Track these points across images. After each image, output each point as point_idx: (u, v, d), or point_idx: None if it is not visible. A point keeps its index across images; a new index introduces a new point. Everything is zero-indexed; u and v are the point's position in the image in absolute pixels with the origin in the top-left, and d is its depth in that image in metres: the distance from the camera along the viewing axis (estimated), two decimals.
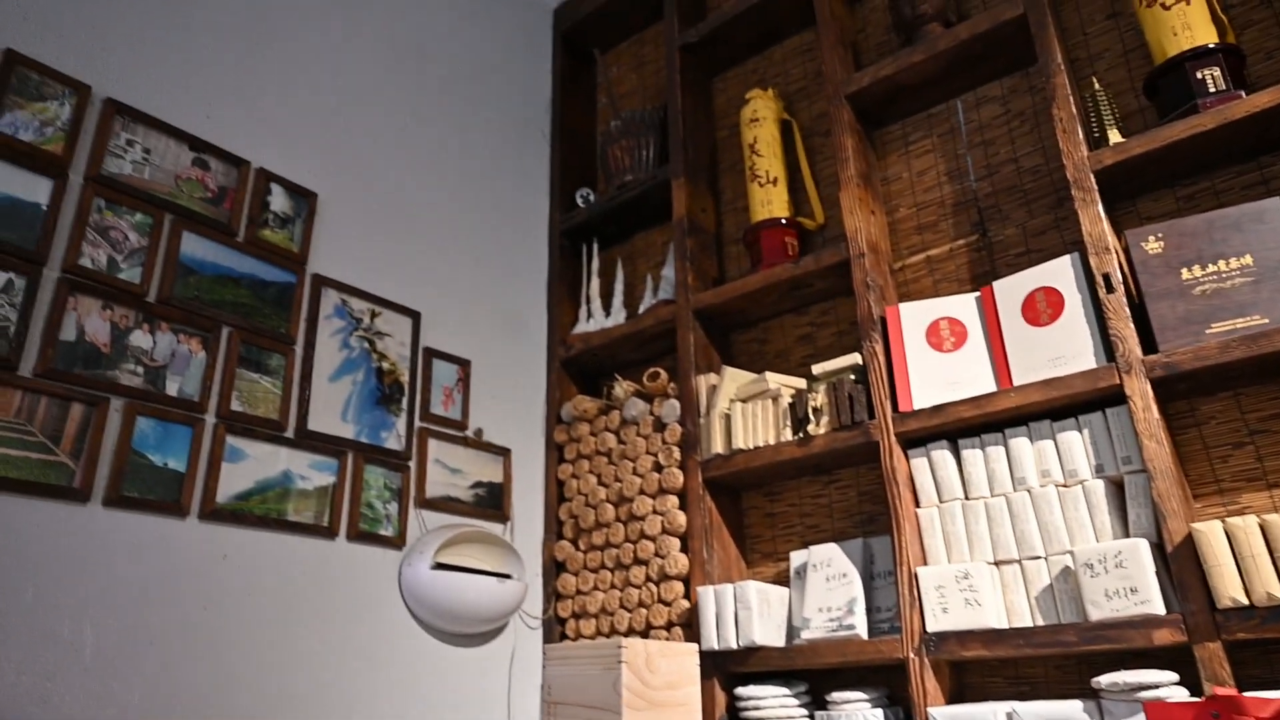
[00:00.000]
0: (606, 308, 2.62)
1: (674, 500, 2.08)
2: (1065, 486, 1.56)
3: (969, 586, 1.54)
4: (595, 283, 2.63)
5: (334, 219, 2.08)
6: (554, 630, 2.26)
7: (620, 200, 2.57)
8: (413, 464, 2.06)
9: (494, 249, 2.52)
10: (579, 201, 2.72)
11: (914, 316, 1.81)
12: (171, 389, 1.65)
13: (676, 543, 2.04)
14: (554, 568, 2.30)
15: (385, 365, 2.08)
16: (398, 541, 1.96)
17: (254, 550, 1.70)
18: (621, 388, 2.30)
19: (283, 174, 1.99)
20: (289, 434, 1.83)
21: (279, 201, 1.97)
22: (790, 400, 1.94)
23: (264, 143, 1.99)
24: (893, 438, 1.75)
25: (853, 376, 1.87)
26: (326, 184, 2.09)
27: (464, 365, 2.29)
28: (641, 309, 2.46)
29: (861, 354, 1.86)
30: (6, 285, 1.48)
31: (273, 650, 1.68)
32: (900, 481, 1.72)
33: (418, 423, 2.11)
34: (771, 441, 1.95)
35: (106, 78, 1.73)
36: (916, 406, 1.74)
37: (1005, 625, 1.53)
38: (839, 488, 2.02)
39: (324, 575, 1.81)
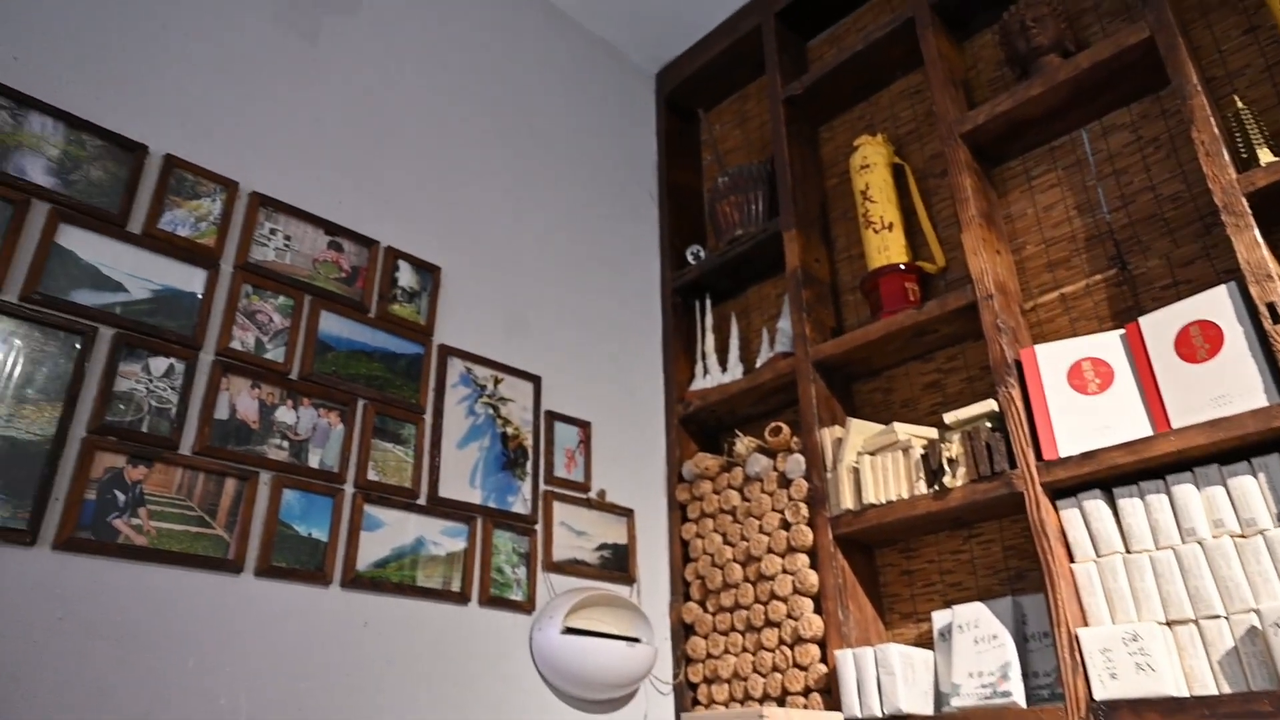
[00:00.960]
0: (723, 363, 2.60)
1: (804, 559, 2.01)
2: (1243, 537, 1.42)
3: (1139, 650, 1.42)
4: (710, 339, 2.62)
5: (456, 290, 2.16)
6: (685, 696, 2.20)
7: (732, 255, 2.57)
8: (539, 527, 2.08)
9: (608, 310, 2.55)
10: (690, 259, 2.73)
11: (1053, 358, 1.71)
12: (313, 461, 1.73)
13: (809, 603, 1.97)
14: (683, 631, 2.26)
15: (509, 430, 2.12)
16: (527, 606, 1.97)
17: (392, 616, 1.74)
18: (743, 444, 2.27)
19: (409, 250, 2.08)
20: (421, 501, 1.88)
21: (406, 277, 2.05)
22: (923, 451, 1.87)
23: (390, 222, 2.09)
24: (1039, 488, 1.65)
25: (989, 424, 1.79)
26: (448, 257, 2.17)
27: (584, 427, 2.30)
28: (759, 363, 2.43)
29: (997, 400, 1.77)
30: (168, 370, 1.59)
31: (412, 716, 1.70)
32: (1050, 535, 1.61)
33: (542, 486, 2.13)
34: (905, 495, 1.87)
35: (252, 173, 1.86)
36: (1063, 454, 1.63)
37: (1185, 693, 1.40)
38: (981, 542, 1.91)
39: (458, 641, 1.83)
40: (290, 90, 2.01)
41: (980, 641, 1.66)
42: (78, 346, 1.48)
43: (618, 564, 2.22)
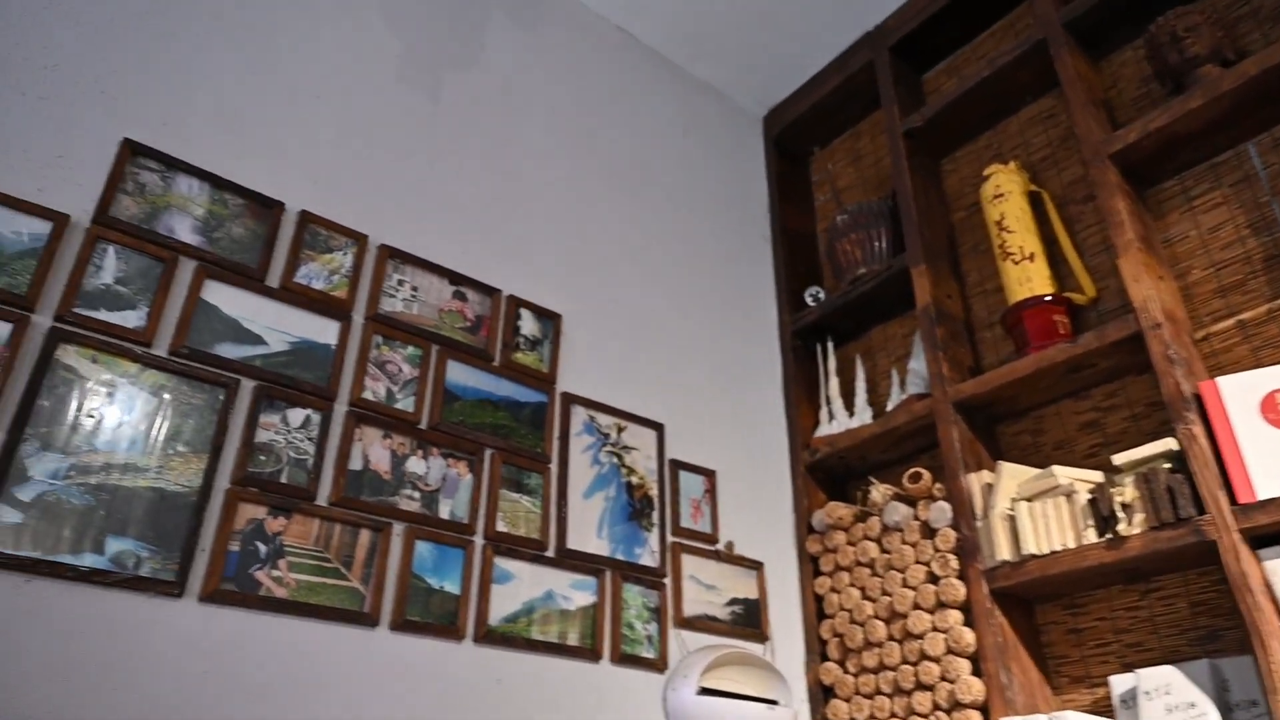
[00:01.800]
0: (849, 408, 2.48)
1: (956, 615, 1.86)
2: None
3: None
4: (834, 383, 2.51)
5: (577, 337, 2.13)
6: None
7: (855, 295, 2.47)
8: (668, 581, 1.99)
9: (726, 355, 2.48)
10: (809, 300, 2.65)
11: (1240, 390, 1.54)
12: (444, 512, 1.69)
13: (966, 664, 1.80)
14: (820, 692, 2.12)
15: (634, 479, 2.05)
16: (659, 664, 1.87)
17: (524, 674, 1.67)
18: (879, 491, 2.14)
19: (530, 299, 2.07)
20: (550, 553, 1.82)
21: (528, 325, 2.03)
22: (1089, 496, 1.71)
23: (512, 271, 2.08)
24: (1236, 535, 1.47)
25: (1167, 465, 1.62)
26: (568, 304, 2.15)
27: (709, 475, 2.22)
28: (889, 406, 2.31)
29: (1176, 438, 1.60)
30: (305, 421, 1.59)
31: None
32: (1255, 589, 1.43)
33: (670, 537, 2.05)
34: (1071, 545, 1.71)
35: (380, 226, 1.88)
36: (1261, 496, 1.46)
37: None
38: (1162, 598, 1.72)
39: (590, 700, 1.74)
40: (414, 145, 2.04)
41: (1175, 710, 1.47)
42: (221, 399, 1.50)
43: (749, 620, 2.11)
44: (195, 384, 1.49)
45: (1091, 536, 1.68)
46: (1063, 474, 1.76)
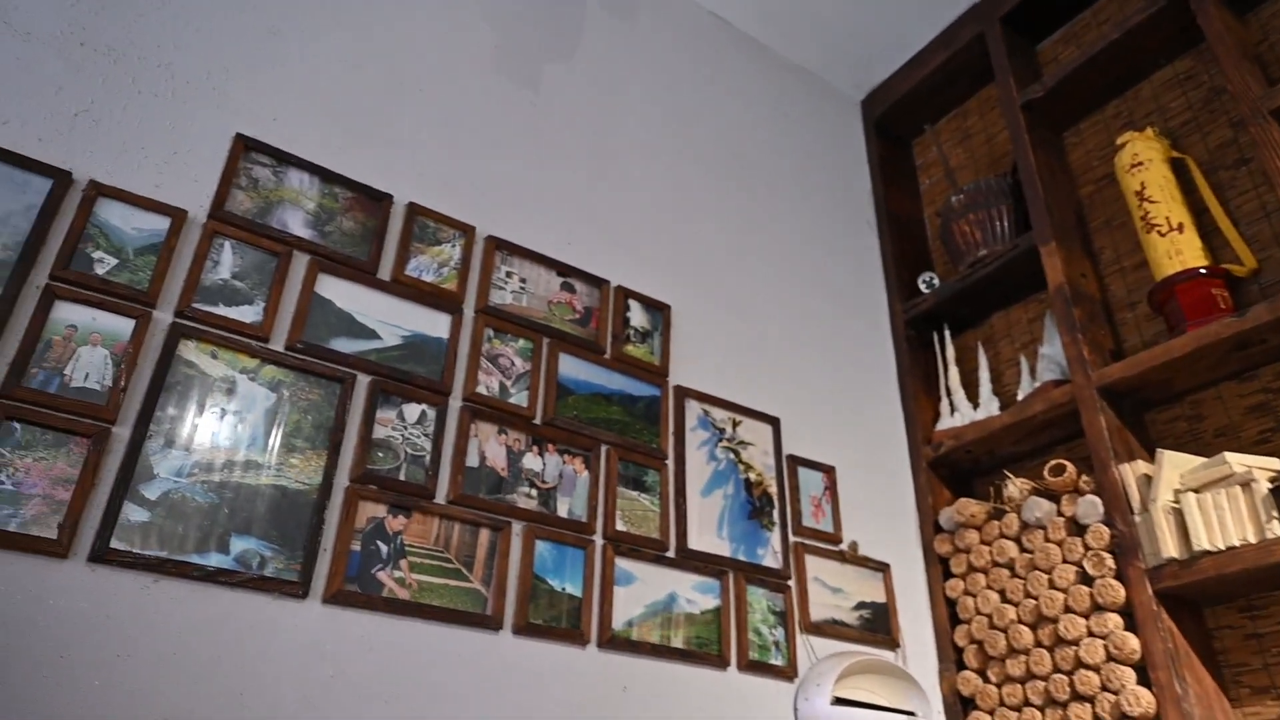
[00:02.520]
0: (973, 399, 2.33)
1: (1116, 619, 1.69)
2: None
3: None
4: (954, 373, 2.36)
5: (686, 328, 2.04)
6: None
7: (975, 278, 2.32)
8: (793, 583, 1.88)
9: (837, 345, 2.36)
10: (922, 287, 2.50)
11: None
12: (562, 510, 1.62)
13: (1130, 673, 1.64)
14: (958, 703, 1.97)
15: (752, 476, 1.94)
16: (788, 671, 1.76)
17: (651, 680, 1.58)
18: (1015, 486, 1.98)
19: (638, 289, 1.99)
20: (671, 553, 1.73)
21: (637, 316, 1.95)
22: (1271, 486, 1.53)
23: (618, 261, 2.00)
24: None
25: None
26: (676, 295, 2.06)
27: (828, 472, 2.10)
28: (1020, 396, 2.15)
29: None
30: (420, 416, 1.53)
31: None
32: None
33: (792, 537, 1.94)
34: (1253, 539, 1.53)
35: (486, 217, 1.83)
36: None
37: None
38: None
39: (720, 710, 1.64)
40: (515, 136, 1.99)
41: None
42: (338, 394, 1.45)
43: (878, 625, 1.97)
44: (312, 379, 1.45)
45: (1277, 529, 1.50)
46: (1237, 461, 1.59)
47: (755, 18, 2.72)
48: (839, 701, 1.72)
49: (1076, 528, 1.84)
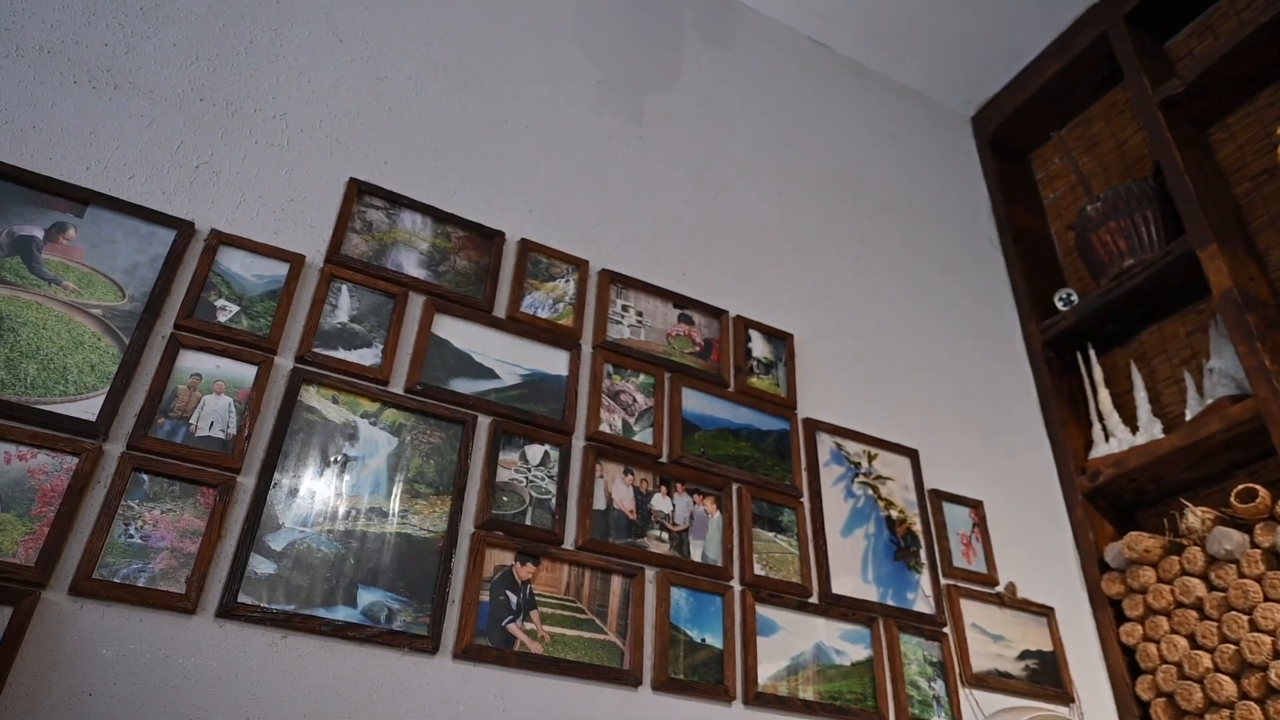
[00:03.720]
0: (1130, 422, 2.12)
1: None
2: None
3: None
4: (1104, 395, 2.16)
5: (810, 359, 1.92)
6: None
7: (1122, 291, 2.12)
8: (949, 631, 1.70)
9: (970, 371, 2.19)
10: (1059, 305, 2.32)
11: None
12: (695, 554, 1.51)
13: None
14: None
15: (894, 513, 1.79)
16: None
17: None
18: (1195, 516, 1.76)
19: (758, 319, 1.88)
20: (813, 599, 1.58)
21: (759, 347, 1.84)
22: None
23: (735, 291, 1.91)
24: None
25: None
26: (797, 324, 1.95)
27: (976, 507, 1.92)
28: (1189, 415, 1.94)
29: None
30: (544, 458, 1.46)
31: None
32: None
33: (943, 579, 1.76)
34: None
35: (598, 251, 1.77)
36: None
37: None
38: None
39: None
40: (622, 168, 1.93)
41: None
42: (459, 436, 1.39)
43: (1048, 676, 1.77)
44: (433, 421, 1.39)
45: None
46: None
47: (855, 40, 2.63)
48: None
49: (1277, 560, 1.61)
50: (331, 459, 1.28)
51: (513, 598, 1.31)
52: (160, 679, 1.05)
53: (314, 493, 1.24)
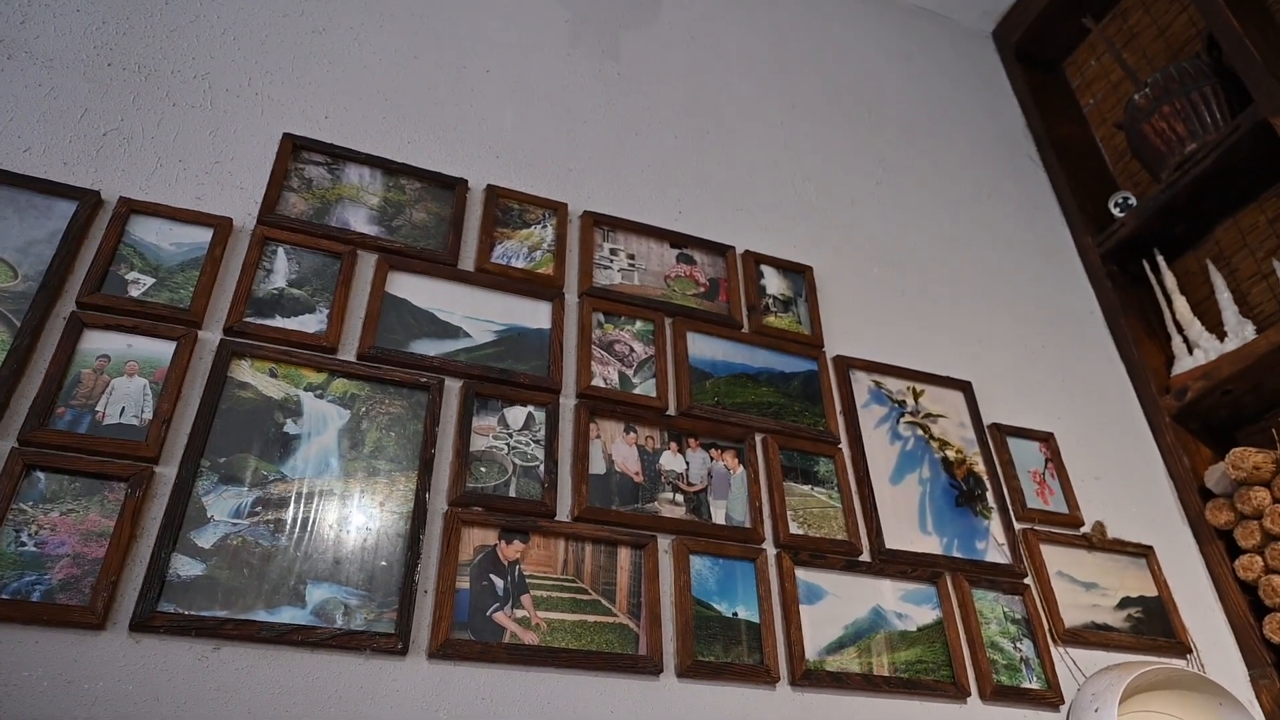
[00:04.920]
0: (1215, 330, 1.84)
1: None
2: None
3: None
4: (1180, 304, 1.89)
5: (834, 292, 1.69)
6: None
7: (1187, 181, 1.85)
8: (1030, 581, 1.45)
9: (1021, 293, 1.94)
10: (1115, 211, 2.05)
11: None
12: (717, 516, 1.28)
13: None
14: None
15: (950, 454, 1.55)
16: (1049, 696, 1.32)
17: None
18: None
19: (770, 253, 1.66)
20: (864, 557, 1.35)
21: (774, 283, 1.62)
22: None
23: (740, 226, 1.69)
24: None
25: None
26: (815, 256, 1.72)
27: (1046, 440, 1.66)
28: None
29: None
30: (527, 420, 1.25)
31: None
32: None
33: (1017, 524, 1.51)
34: None
35: (579, 193, 1.57)
36: None
37: None
38: None
39: None
40: (602, 106, 1.73)
41: None
42: (425, 404, 1.19)
43: (1155, 626, 1.50)
44: (392, 389, 1.20)
45: None
46: None
47: None
48: None
49: None
50: (270, 439, 1.09)
51: (498, 582, 1.10)
52: (62, 710, 0.86)
53: (250, 479, 1.05)
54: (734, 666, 1.15)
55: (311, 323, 1.20)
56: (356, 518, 1.08)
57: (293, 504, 1.06)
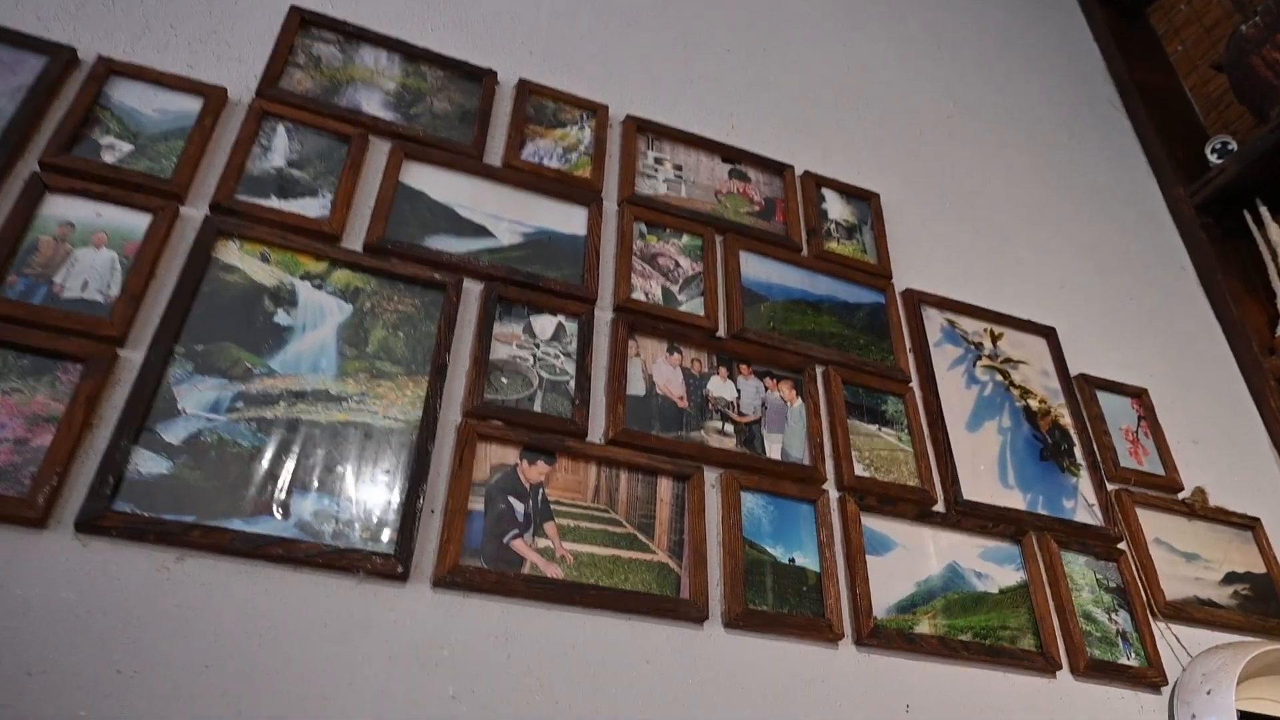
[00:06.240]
0: None
1: None
2: None
3: None
4: None
5: (902, 224, 1.51)
6: None
7: None
8: (1125, 547, 1.26)
9: (1108, 243, 1.75)
10: (1212, 158, 1.85)
11: None
12: (772, 451, 1.11)
13: None
14: None
15: (1033, 403, 1.36)
16: (1151, 676, 1.14)
17: (943, 694, 1.02)
18: None
19: (832, 175, 1.48)
20: (939, 508, 1.17)
21: (836, 208, 1.44)
22: None
23: (798, 146, 1.52)
24: None
25: None
26: (883, 183, 1.54)
27: (1139, 396, 1.47)
28: None
29: None
30: (557, 331, 1.09)
31: None
32: None
33: (1109, 484, 1.32)
34: None
35: (622, 96, 1.40)
36: None
37: None
38: None
39: None
40: (648, 12, 1.56)
41: None
42: (441, 304, 1.03)
43: (1265, 605, 1.31)
44: (403, 286, 1.04)
45: None
46: None
47: None
48: (1246, 717, 1.09)
49: None
50: (259, 330, 0.94)
51: (518, 506, 0.94)
52: None
53: (232, 371, 0.90)
54: (791, 619, 0.98)
55: (313, 207, 1.05)
56: (355, 422, 0.91)
57: (281, 402, 0.90)
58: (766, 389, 1.17)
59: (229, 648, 0.76)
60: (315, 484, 0.86)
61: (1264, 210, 1.77)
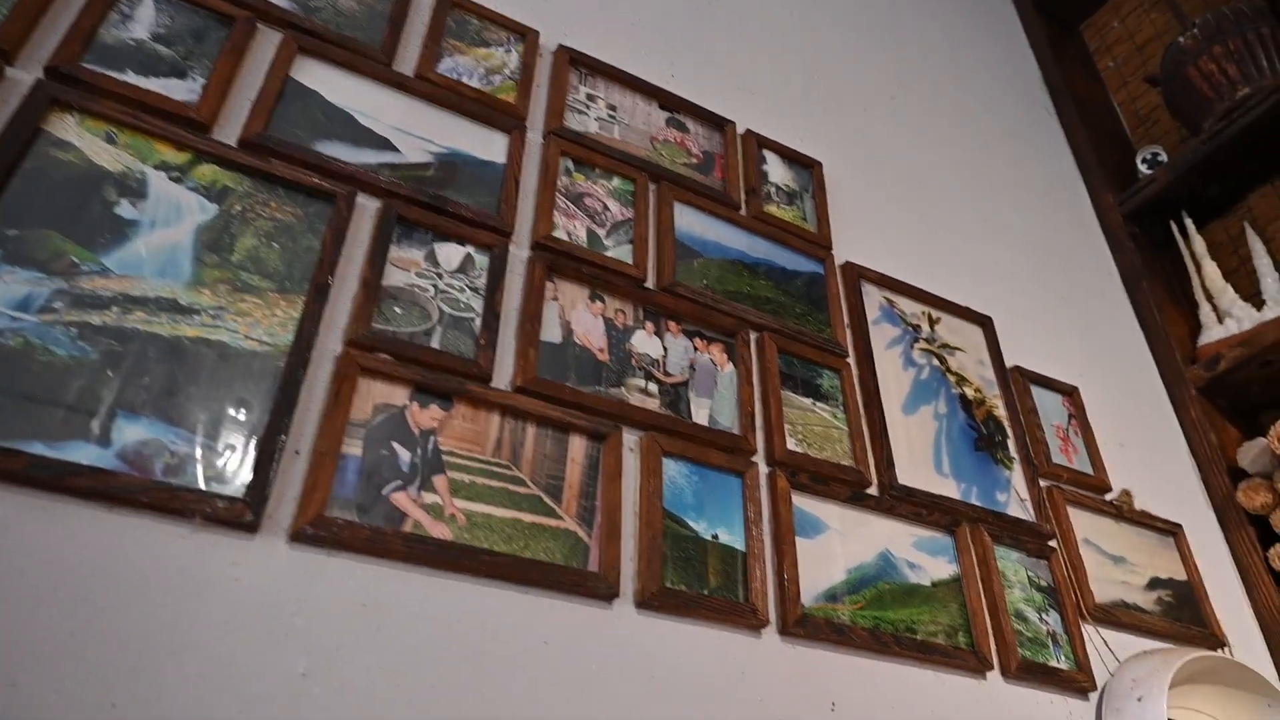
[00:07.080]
0: (1252, 300, 1.63)
1: None
2: None
3: None
4: (1210, 270, 1.69)
5: (844, 197, 1.42)
6: None
7: (1235, 131, 1.64)
8: (1057, 545, 1.20)
9: (1042, 242, 1.72)
10: (1142, 168, 1.84)
11: None
12: (699, 416, 1.00)
13: None
14: None
15: (969, 392, 1.29)
16: (1080, 679, 1.07)
17: (870, 693, 0.92)
18: None
19: (775, 138, 1.39)
20: (873, 490, 1.08)
21: (776, 172, 1.35)
22: None
23: (743, 104, 1.42)
24: None
25: None
26: (825, 154, 1.45)
27: (1070, 395, 1.43)
28: None
29: None
30: (465, 262, 0.94)
31: None
32: None
33: (1040, 480, 1.26)
34: None
35: (555, 24, 1.27)
36: None
37: None
38: None
39: None
40: None
41: None
42: (328, 217, 0.88)
43: (1186, 612, 1.27)
44: (283, 192, 0.88)
45: None
46: None
47: None
48: None
49: None
50: (94, 221, 0.76)
51: (403, 454, 0.79)
52: None
53: (51, 265, 0.72)
54: (711, 601, 0.86)
55: (179, 89, 0.87)
56: (208, 340, 0.75)
57: (114, 307, 0.73)
58: (696, 350, 1.05)
59: (14, 599, 0.59)
60: (148, 408, 0.70)
61: (1189, 222, 1.76)
